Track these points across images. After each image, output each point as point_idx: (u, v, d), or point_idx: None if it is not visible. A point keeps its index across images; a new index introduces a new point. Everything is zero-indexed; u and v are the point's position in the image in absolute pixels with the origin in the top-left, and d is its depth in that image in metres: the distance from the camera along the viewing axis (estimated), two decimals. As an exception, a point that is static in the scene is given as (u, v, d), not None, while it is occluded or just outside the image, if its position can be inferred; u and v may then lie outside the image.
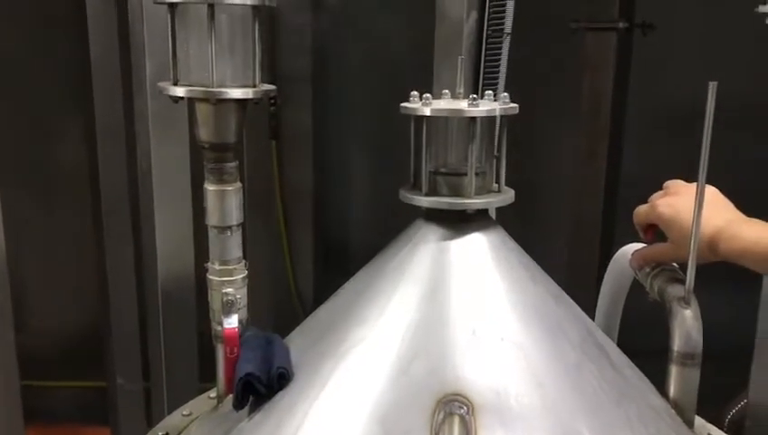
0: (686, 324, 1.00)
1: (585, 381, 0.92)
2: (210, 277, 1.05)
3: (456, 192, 0.97)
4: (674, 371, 1.02)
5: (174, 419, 1.21)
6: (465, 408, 0.85)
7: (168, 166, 1.73)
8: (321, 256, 3.13)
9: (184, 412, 1.23)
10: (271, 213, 3.03)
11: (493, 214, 1.06)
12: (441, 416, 0.84)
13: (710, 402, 1.19)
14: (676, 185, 1.11)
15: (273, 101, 2.94)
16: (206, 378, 1.21)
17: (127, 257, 2.16)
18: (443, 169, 0.98)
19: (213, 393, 1.20)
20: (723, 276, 1.37)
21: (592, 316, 1.29)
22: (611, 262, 1.26)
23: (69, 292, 2.90)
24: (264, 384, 0.94)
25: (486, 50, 1.38)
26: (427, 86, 1.13)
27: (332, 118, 3.01)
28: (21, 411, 1.93)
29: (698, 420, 1.12)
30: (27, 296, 2.94)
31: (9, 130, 2.64)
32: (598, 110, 2.39)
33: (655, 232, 1.13)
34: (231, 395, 0.99)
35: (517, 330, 0.92)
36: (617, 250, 1.23)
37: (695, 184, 0.95)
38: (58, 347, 2.95)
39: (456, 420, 0.83)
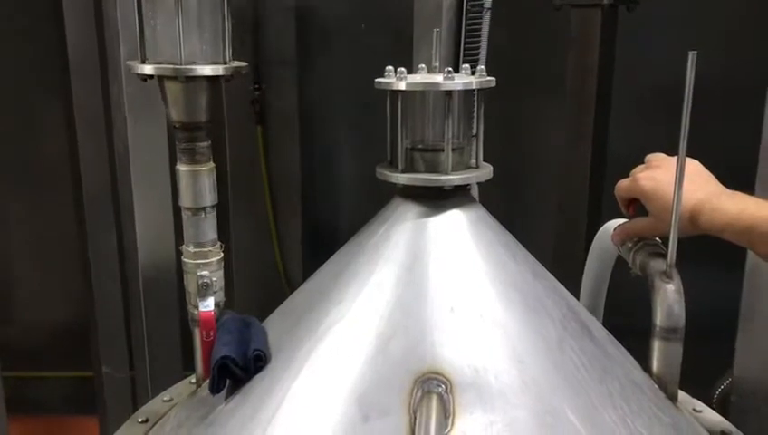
0: (669, 299, 0.99)
1: (566, 357, 0.91)
2: (185, 260, 1.03)
3: (434, 168, 0.95)
4: (656, 345, 1.01)
5: (155, 405, 1.20)
6: (443, 386, 0.84)
7: (146, 151, 1.71)
8: (309, 240, 3.11)
9: (164, 398, 1.22)
10: (258, 199, 3.01)
11: (475, 193, 1.04)
12: (419, 394, 0.83)
13: (699, 381, 1.18)
14: (657, 158, 1.10)
15: (257, 86, 2.91)
16: (191, 365, 1.20)
17: (110, 245, 2.14)
18: (420, 145, 0.96)
19: (194, 379, 1.19)
20: (709, 255, 1.37)
21: (578, 296, 1.28)
22: (595, 239, 1.25)
23: (54, 283, 2.88)
24: (240, 367, 0.92)
25: (466, 25, 1.36)
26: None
27: (319, 101, 2.98)
28: (3, 403, 1.92)
29: (683, 395, 1.11)
30: (12, 288, 2.91)
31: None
32: (583, 87, 2.36)
33: (636, 207, 1.12)
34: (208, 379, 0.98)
35: (497, 307, 0.91)
36: (602, 228, 1.22)
37: (676, 157, 0.94)
38: (44, 338, 2.93)
39: (435, 398, 0.82)
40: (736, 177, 1.11)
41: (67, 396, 2.87)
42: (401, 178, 0.95)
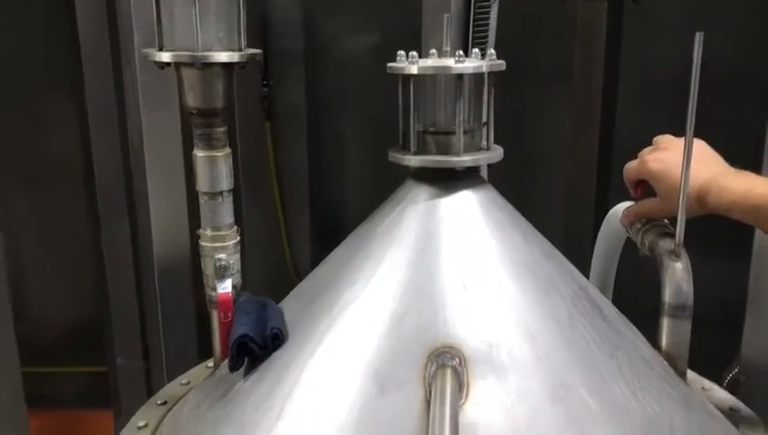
0: (677, 277, 1.01)
1: (577, 333, 0.93)
2: (202, 244, 1.06)
3: (445, 151, 0.97)
4: (666, 323, 1.03)
5: (172, 388, 1.23)
6: (456, 359, 0.86)
7: (160, 141, 1.73)
8: (318, 235, 3.13)
9: (182, 381, 1.25)
10: (267, 195, 3.04)
11: (485, 177, 1.06)
12: (433, 368, 0.85)
13: (707, 370, 1.20)
14: (665, 140, 1.11)
15: (265, 83, 2.94)
16: (205, 355, 1.22)
17: (123, 235, 2.17)
18: (431, 129, 0.98)
19: (210, 363, 1.21)
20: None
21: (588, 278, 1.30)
22: (604, 222, 1.27)
23: (67, 277, 2.90)
24: (258, 345, 0.94)
25: (475, 10, 1.38)
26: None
27: (327, 97, 3.00)
28: (23, 399, 1.94)
29: (691, 374, 1.13)
30: (25, 285, 2.94)
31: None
32: (590, 79, 2.38)
33: (644, 188, 1.13)
34: (227, 360, 1.00)
35: (508, 285, 0.93)
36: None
37: (683, 139, 0.95)
38: (58, 333, 2.96)
39: (449, 370, 0.84)
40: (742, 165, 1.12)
41: (82, 392, 2.90)
42: (413, 161, 0.97)
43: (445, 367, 0.85)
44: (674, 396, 0.98)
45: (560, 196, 2.44)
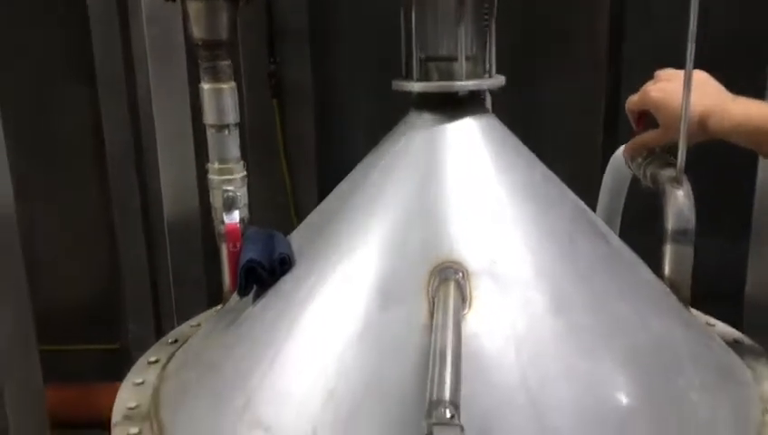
0: (678, 202, 1.02)
1: (578, 252, 0.94)
2: (211, 177, 1.08)
3: (448, 76, 0.98)
4: (668, 250, 1.04)
5: (183, 329, 1.25)
6: (460, 274, 0.87)
7: (168, 101, 1.75)
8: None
9: (192, 323, 1.27)
10: (275, 172, 3.05)
11: (488, 107, 1.07)
12: (437, 282, 0.86)
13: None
14: (666, 73, 1.12)
15: (272, 60, 2.96)
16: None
17: (134, 202, 2.19)
18: (434, 55, 0.99)
19: (219, 308, 1.23)
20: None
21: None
22: (609, 163, 1.28)
23: (81, 255, 2.93)
24: (266, 270, 0.96)
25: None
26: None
27: (333, 73, 3.01)
28: (40, 375, 1.96)
29: (695, 312, 1.14)
30: (37, 263, 2.97)
31: (9, 94, 2.63)
32: (595, 48, 2.39)
33: (646, 121, 1.14)
34: (235, 292, 1.02)
35: (509, 205, 0.94)
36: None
37: (684, 71, 0.96)
38: (72, 311, 2.98)
39: (452, 284, 0.85)
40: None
41: (94, 368, 2.93)
42: (416, 87, 0.99)
43: (448, 280, 0.86)
44: (676, 318, 0.99)
45: (566, 167, 2.44)
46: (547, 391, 0.81)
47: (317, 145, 3.09)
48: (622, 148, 1.23)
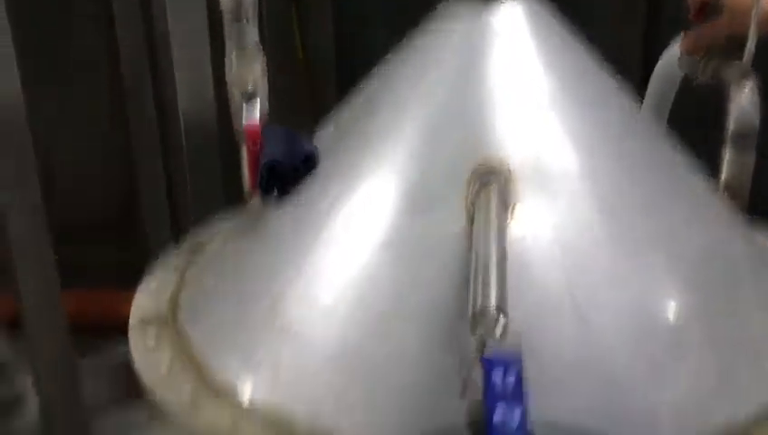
0: (743, 99, 0.93)
1: (628, 151, 0.86)
2: (227, 70, 0.99)
3: (489, -43, 0.88)
4: (728, 153, 0.96)
5: (200, 234, 1.19)
6: (502, 175, 0.79)
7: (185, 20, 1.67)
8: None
9: (210, 228, 1.20)
10: (296, 79, 2.95)
11: None
12: (477, 186, 0.79)
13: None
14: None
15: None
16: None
17: (149, 108, 2.12)
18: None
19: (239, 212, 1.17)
20: None
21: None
22: (659, 62, 1.17)
23: (95, 160, 2.88)
24: (289, 168, 0.89)
25: None
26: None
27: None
28: (57, 280, 1.94)
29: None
30: (54, 167, 2.93)
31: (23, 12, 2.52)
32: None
33: (706, 14, 1.04)
34: (255, 196, 0.95)
35: (557, 98, 0.85)
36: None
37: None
38: (89, 218, 2.96)
39: (494, 187, 0.78)
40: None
41: (112, 273, 2.93)
42: (455, -33, 0.88)
43: (489, 184, 0.79)
44: (734, 229, 0.91)
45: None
46: (593, 297, 0.75)
47: (336, 48, 2.97)
48: (675, 45, 1.13)
